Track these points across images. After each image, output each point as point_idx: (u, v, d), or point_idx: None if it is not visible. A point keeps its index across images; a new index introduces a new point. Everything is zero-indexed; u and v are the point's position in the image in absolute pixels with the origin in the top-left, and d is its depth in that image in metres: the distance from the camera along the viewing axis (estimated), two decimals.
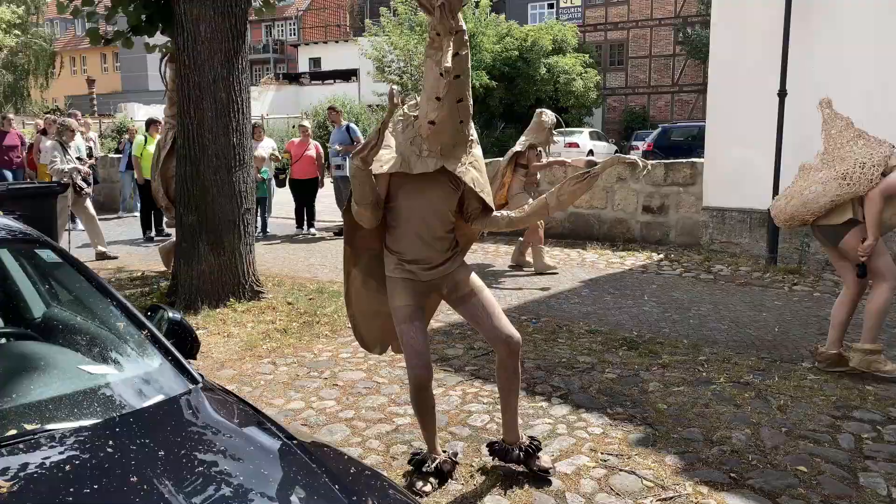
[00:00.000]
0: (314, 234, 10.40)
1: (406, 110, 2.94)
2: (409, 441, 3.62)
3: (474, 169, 2.93)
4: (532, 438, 3.26)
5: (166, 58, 6.55)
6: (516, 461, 3.19)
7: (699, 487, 3.13)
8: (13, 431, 1.66)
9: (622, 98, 32.48)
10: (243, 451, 1.79)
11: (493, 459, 3.27)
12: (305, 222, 10.57)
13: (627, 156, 2.96)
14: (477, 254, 8.64)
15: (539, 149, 7.29)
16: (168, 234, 10.07)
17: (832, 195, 4.25)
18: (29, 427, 1.70)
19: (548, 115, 7.32)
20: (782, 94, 7.32)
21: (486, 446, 3.30)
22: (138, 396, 1.95)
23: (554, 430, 3.73)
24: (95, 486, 1.47)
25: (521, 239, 7.90)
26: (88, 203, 8.55)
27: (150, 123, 10.72)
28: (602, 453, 3.46)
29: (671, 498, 3.05)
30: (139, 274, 7.48)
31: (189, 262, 5.94)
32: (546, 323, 5.64)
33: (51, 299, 2.33)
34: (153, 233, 10.25)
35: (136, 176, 10.58)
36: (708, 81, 8.58)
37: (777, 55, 7.32)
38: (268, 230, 10.51)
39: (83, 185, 8.28)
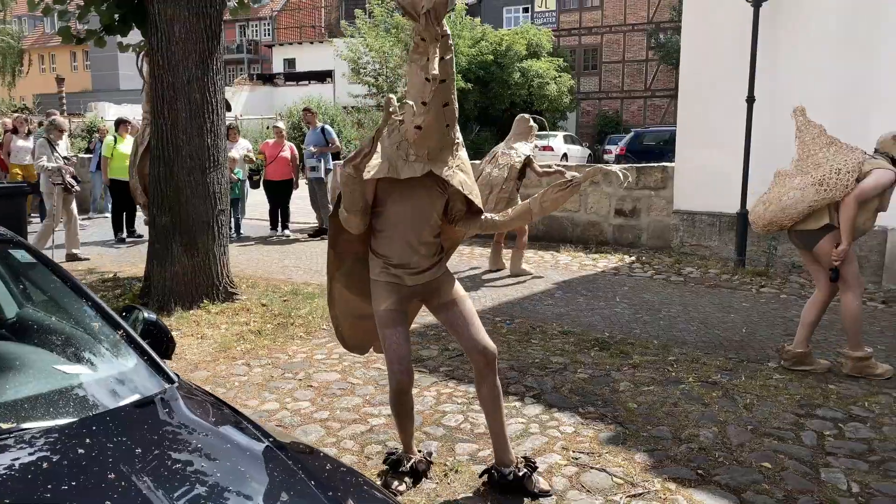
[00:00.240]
0: (289, 236, 10.36)
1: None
2: (384, 441, 3.65)
3: (461, 171, 2.95)
4: (527, 459, 3.18)
5: (143, 53, 6.51)
6: (515, 487, 3.05)
7: (667, 484, 3.21)
8: None
9: (596, 102, 32.80)
10: (220, 449, 1.81)
11: (488, 487, 3.12)
12: (280, 224, 10.53)
13: (609, 167, 3.02)
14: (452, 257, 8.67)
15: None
16: (140, 235, 9.97)
17: (810, 201, 4.37)
18: (4, 426, 1.71)
19: (532, 122, 7.49)
20: (750, 99, 7.48)
21: (480, 476, 3.17)
22: (114, 396, 1.96)
23: (527, 429, 3.79)
24: (73, 483, 1.48)
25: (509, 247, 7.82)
26: (73, 203, 8.44)
27: (120, 123, 10.61)
28: (573, 451, 3.52)
29: (640, 494, 3.12)
30: (111, 275, 7.40)
31: (162, 264, 5.91)
32: (520, 324, 5.70)
33: (25, 300, 2.32)
34: (124, 234, 10.14)
35: (104, 177, 10.45)
36: (678, 86, 8.73)
37: (745, 62, 7.48)
38: (241, 231, 10.45)
39: (73, 182, 8.19)
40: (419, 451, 3.29)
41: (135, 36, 6.51)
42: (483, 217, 3.12)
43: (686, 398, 4.19)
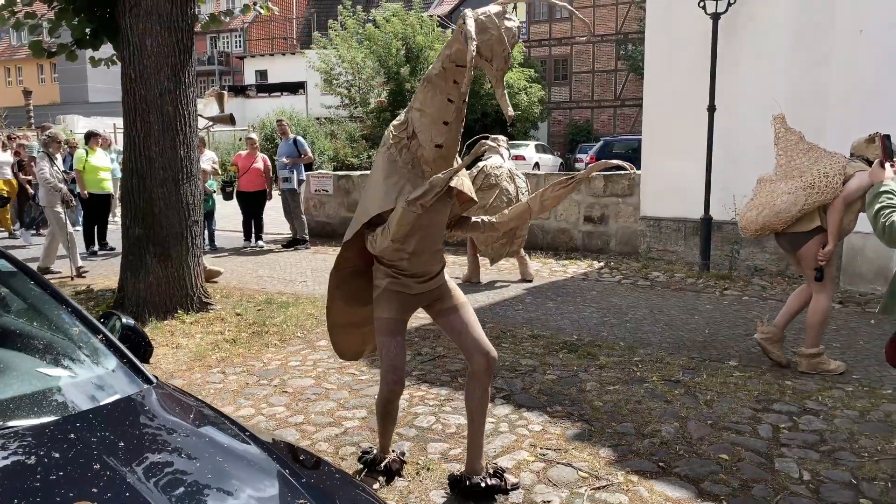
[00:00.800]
0: (262, 247, 10.41)
1: (394, 132, 2.89)
2: (358, 442, 3.75)
3: (464, 177, 3.05)
4: (496, 466, 3.25)
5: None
6: (485, 496, 3.10)
7: (630, 476, 3.35)
8: None
9: (566, 112, 33.23)
10: (200, 444, 1.90)
11: (455, 494, 3.16)
12: (253, 235, 10.57)
13: (615, 161, 3.09)
14: None
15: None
16: (112, 248, 9.95)
17: (801, 204, 4.56)
18: None
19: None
20: (711, 108, 7.74)
21: (450, 485, 3.20)
22: (95, 396, 2.05)
23: (496, 428, 3.91)
24: (61, 474, 1.58)
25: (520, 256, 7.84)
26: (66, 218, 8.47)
27: (91, 136, 10.55)
28: (541, 448, 3.66)
29: (604, 486, 3.26)
30: (84, 288, 7.40)
31: (136, 274, 5.95)
32: (491, 329, 5.83)
33: (5, 306, 2.40)
34: (96, 247, 10.10)
35: (78, 190, 10.40)
36: (643, 97, 8.97)
37: (706, 72, 7.74)
38: (215, 242, 10.47)
39: (71, 197, 8.26)
40: (392, 451, 3.40)
41: (106, 50, 6.56)
42: (476, 219, 3.20)
43: (650, 396, 4.35)
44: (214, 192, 10.26)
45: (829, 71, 7.27)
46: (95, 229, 10.15)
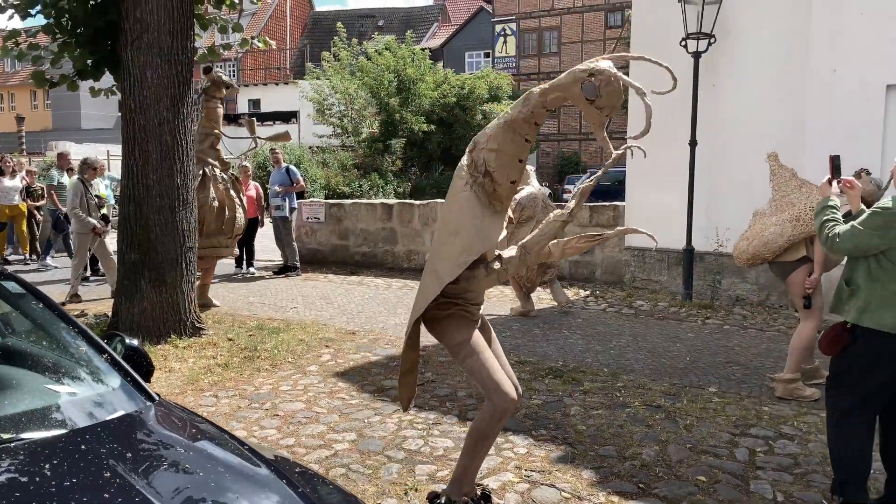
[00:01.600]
0: (253, 274, 10.52)
1: (468, 173, 2.98)
2: (348, 465, 3.85)
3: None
4: (482, 487, 3.34)
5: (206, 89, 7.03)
6: None
7: (611, 497, 3.48)
8: None
9: (555, 144, 33.70)
10: (204, 459, 2.02)
11: None
12: (244, 261, 10.68)
13: (638, 229, 3.34)
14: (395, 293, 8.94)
15: None
16: (104, 274, 10.01)
17: (788, 235, 4.86)
18: (5, 436, 1.91)
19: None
20: (693, 143, 7.99)
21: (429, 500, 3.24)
22: (103, 411, 2.17)
23: None
24: (74, 481, 1.70)
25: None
26: (107, 242, 8.59)
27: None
28: (526, 470, 3.78)
29: None
30: (78, 313, 7.48)
31: (131, 300, 6.05)
32: None
33: (16, 327, 2.52)
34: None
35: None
36: (627, 130, 9.23)
37: (688, 108, 8.00)
38: None
39: (101, 223, 8.40)
40: (478, 485, 3.35)
41: (106, 80, 6.74)
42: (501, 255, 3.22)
43: (631, 420, 4.48)
44: None
45: (804, 108, 7.55)
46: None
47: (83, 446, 1.89)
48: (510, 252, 3.11)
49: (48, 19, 6.21)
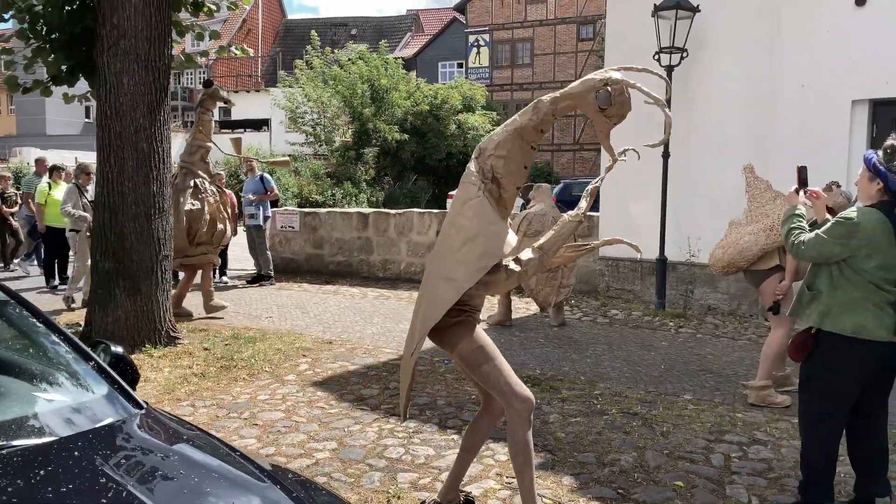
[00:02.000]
0: (226, 282, 10.42)
1: (478, 180, 2.99)
2: (330, 473, 3.85)
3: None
4: (465, 494, 3.40)
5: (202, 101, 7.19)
6: None
7: (591, 502, 3.53)
8: None
9: None
10: (197, 464, 2.01)
11: None
12: (217, 270, 10.57)
13: (627, 241, 3.42)
14: (372, 302, 8.95)
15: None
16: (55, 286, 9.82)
17: (762, 244, 4.99)
18: None
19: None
20: (666, 155, 8.14)
21: None
22: (92, 418, 2.16)
23: None
24: (70, 486, 1.69)
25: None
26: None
27: (54, 170, 10.44)
28: (507, 477, 3.81)
29: None
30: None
31: (105, 308, 5.97)
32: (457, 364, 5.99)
33: (1, 334, 2.49)
34: (57, 281, 9.98)
35: (38, 224, 10.28)
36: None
37: (661, 120, 8.14)
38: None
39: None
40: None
41: (80, 86, 6.66)
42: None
43: (609, 427, 4.55)
44: None
45: (774, 121, 7.75)
46: (56, 264, 10.04)
47: (76, 453, 1.88)
48: (527, 254, 3.11)
49: (22, 24, 6.12)
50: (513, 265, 3.05)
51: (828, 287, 3.25)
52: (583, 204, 3.18)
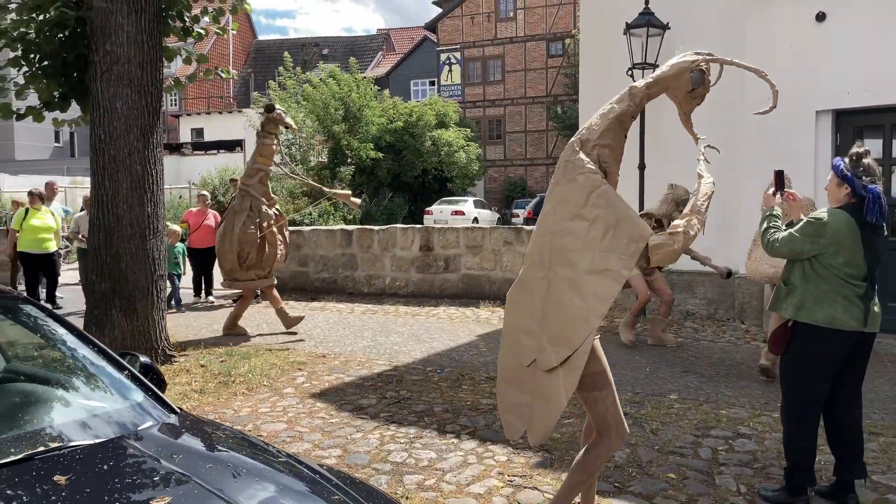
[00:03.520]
0: (213, 302, 10.48)
1: (594, 169, 2.93)
2: None
3: None
4: None
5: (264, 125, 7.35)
6: None
7: None
8: (44, 447, 2.00)
9: (502, 169, 34.40)
10: (239, 460, 2.17)
11: None
12: (203, 290, 10.64)
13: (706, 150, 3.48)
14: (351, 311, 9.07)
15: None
16: (60, 307, 9.81)
17: None
18: (53, 445, 2.04)
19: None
20: (641, 167, 8.46)
21: None
22: (134, 422, 2.31)
23: (465, 460, 4.23)
24: (134, 478, 1.85)
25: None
26: None
27: (30, 195, 10.20)
28: (508, 475, 3.99)
29: None
30: None
31: (101, 329, 6.05)
32: (450, 373, 6.17)
33: (39, 348, 2.63)
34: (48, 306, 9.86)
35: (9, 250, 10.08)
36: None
37: (636, 133, 8.48)
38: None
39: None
40: None
41: (71, 111, 6.75)
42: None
43: None
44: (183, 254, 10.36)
45: (743, 131, 8.10)
46: (44, 289, 9.92)
47: (130, 450, 2.03)
48: (677, 222, 2.93)
49: (15, 52, 6.23)
50: (670, 230, 2.86)
51: (801, 281, 3.53)
52: (702, 168, 3.26)
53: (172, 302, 9.73)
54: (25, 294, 10.02)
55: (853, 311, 3.42)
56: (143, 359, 2.77)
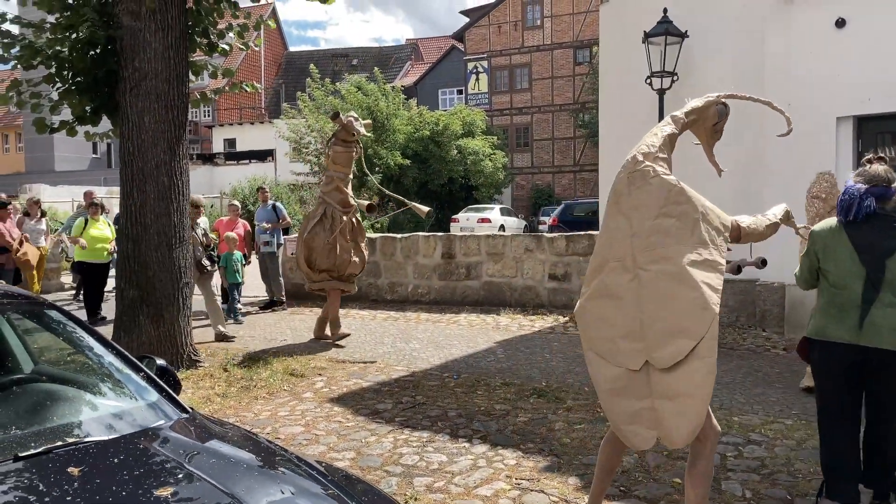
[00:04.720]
0: (240, 309, 10.70)
1: (671, 173, 3.17)
2: None
3: None
4: None
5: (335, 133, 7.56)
6: None
7: None
8: (62, 442, 2.15)
9: (529, 177, 34.42)
10: (246, 457, 2.31)
11: None
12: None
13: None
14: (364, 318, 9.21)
15: None
16: (104, 318, 9.80)
17: None
18: (70, 440, 2.20)
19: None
20: None
21: None
22: (147, 420, 2.46)
23: (475, 463, 4.33)
24: (142, 470, 1.99)
25: None
26: (211, 282, 8.61)
27: (91, 205, 10.41)
28: (516, 479, 4.08)
29: None
30: None
31: (129, 334, 6.28)
32: (466, 378, 6.27)
33: (63, 351, 2.80)
34: (103, 314, 9.87)
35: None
36: (599, 162, 9.72)
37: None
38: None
39: (207, 263, 8.47)
40: None
41: (102, 125, 7.03)
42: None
43: None
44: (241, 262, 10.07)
45: (763, 140, 8.08)
46: (96, 298, 9.92)
47: (141, 446, 2.18)
48: (748, 219, 3.25)
49: (49, 70, 6.52)
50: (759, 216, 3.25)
51: (817, 295, 3.56)
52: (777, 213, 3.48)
53: (231, 314, 9.56)
54: (82, 303, 10.10)
55: (845, 322, 3.27)
56: (159, 362, 2.92)
